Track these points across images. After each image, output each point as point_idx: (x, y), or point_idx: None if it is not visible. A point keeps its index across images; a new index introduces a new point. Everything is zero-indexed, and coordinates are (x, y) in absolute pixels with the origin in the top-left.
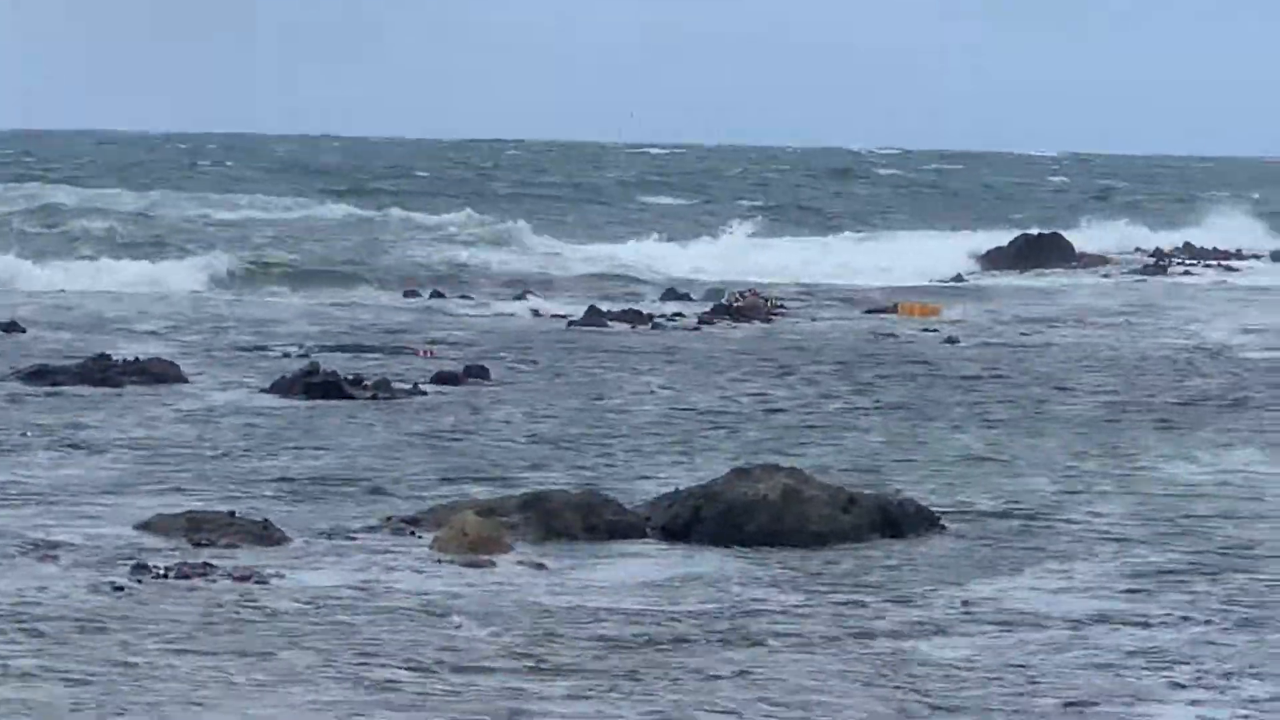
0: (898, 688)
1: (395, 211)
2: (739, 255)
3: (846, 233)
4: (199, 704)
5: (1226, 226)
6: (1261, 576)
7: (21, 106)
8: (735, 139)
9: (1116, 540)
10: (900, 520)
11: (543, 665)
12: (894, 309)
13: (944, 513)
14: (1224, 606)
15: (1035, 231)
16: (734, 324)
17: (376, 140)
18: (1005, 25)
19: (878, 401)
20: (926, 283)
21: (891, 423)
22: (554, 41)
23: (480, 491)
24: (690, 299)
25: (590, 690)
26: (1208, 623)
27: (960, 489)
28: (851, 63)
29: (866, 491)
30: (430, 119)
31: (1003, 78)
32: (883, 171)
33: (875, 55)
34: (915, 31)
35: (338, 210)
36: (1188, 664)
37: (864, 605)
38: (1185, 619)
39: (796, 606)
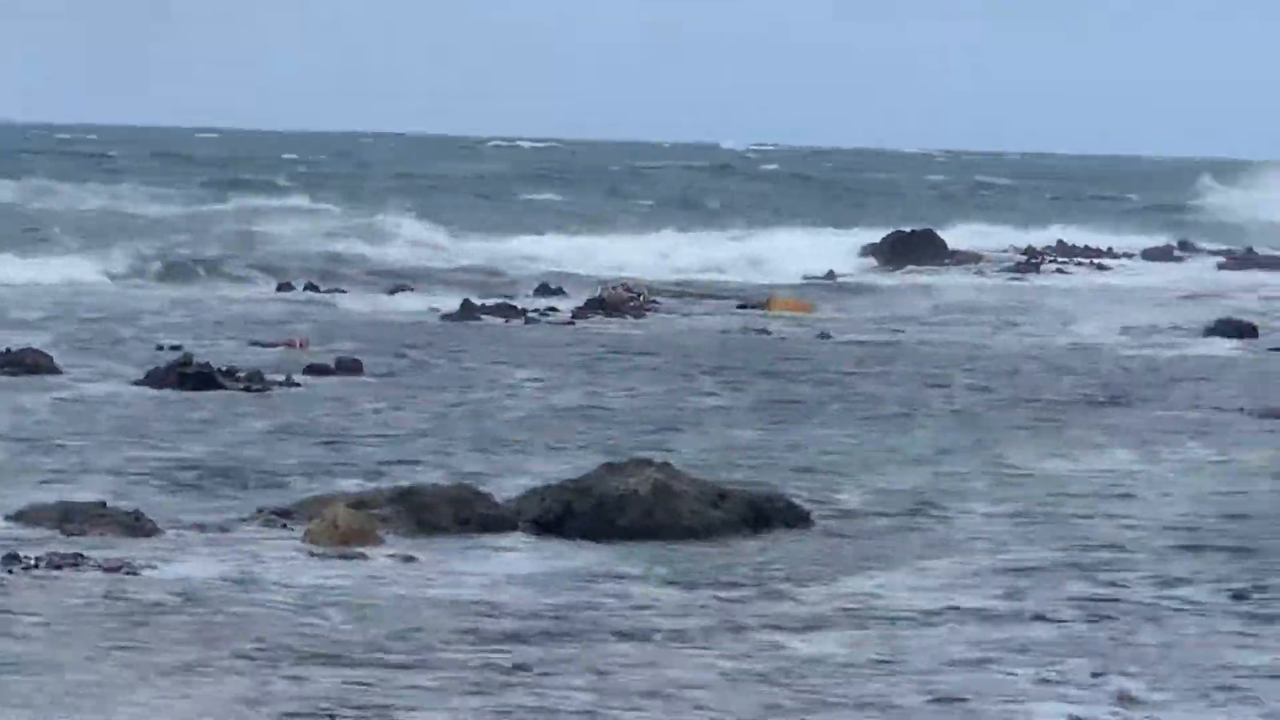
0: (775, 685)
1: (271, 203)
2: (617, 250)
3: (723, 228)
4: (74, 694)
5: (1100, 225)
6: (1132, 574)
7: None
8: (616, 135)
9: (988, 537)
10: (771, 515)
11: (413, 658)
12: (767, 304)
13: (814, 508)
14: (1094, 604)
15: (908, 229)
16: (607, 319)
17: (251, 132)
18: (1005, 25)
19: (749, 397)
20: (800, 279)
21: (763, 418)
22: (554, 41)
23: (352, 484)
24: (564, 294)
25: (461, 684)
26: (1078, 620)
27: (831, 485)
28: (851, 63)
29: (737, 487)
30: (431, 119)
31: (1003, 78)
32: (762, 168)
33: (875, 55)
34: (915, 31)
35: (215, 202)
36: (1058, 661)
37: (736, 600)
38: (1056, 616)
39: (668, 601)
